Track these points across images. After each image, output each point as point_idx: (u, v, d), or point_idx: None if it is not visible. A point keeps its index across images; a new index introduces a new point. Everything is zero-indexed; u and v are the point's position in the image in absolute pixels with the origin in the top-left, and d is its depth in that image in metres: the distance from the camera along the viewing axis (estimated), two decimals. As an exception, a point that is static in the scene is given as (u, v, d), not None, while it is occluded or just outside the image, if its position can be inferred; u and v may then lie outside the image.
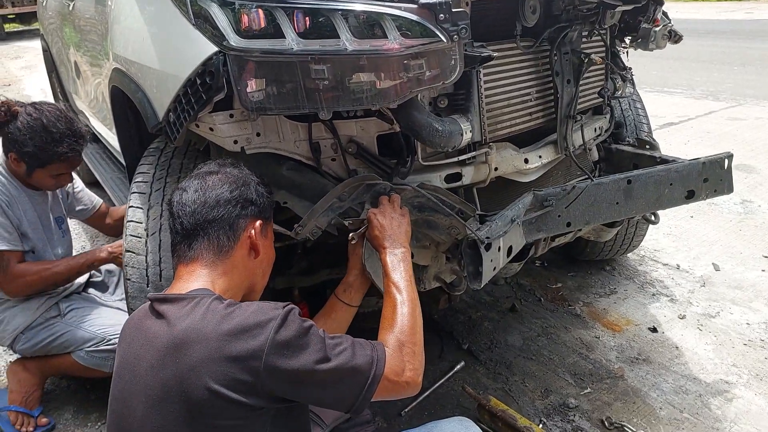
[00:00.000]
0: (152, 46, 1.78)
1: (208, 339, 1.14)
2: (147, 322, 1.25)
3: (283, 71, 1.44)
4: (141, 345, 1.22)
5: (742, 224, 3.84)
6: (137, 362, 1.21)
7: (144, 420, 1.17)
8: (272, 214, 1.50)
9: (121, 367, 1.27)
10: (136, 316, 1.32)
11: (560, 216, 1.89)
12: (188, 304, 1.20)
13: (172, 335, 1.16)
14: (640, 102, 2.89)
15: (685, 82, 8.39)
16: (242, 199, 1.37)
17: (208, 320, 1.16)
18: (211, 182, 1.37)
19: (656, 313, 2.87)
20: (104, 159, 3.73)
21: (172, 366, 1.14)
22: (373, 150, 1.75)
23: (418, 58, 1.46)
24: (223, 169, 1.42)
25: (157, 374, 1.16)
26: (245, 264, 1.38)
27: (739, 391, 2.35)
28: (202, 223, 1.32)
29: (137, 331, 1.26)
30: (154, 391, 1.16)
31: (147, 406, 1.17)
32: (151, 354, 1.19)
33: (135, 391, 1.20)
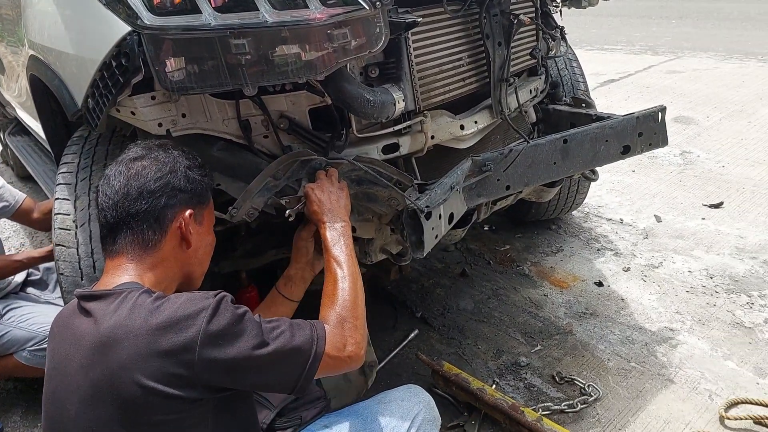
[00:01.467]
0: (65, 30, 1.68)
1: (136, 335, 1.10)
2: (75, 320, 1.20)
3: (202, 48, 1.38)
4: (70, 344, 1.18)
5: (682, 175, 3.95)
6: (67, 362, 1.17)
7: (77, 420, 1.13)
8: (210, 197, 1.41)
9: (51, 367, 1.22)
10: (64, 313, 1.27)
11: (499, 180, 1.90)
12: (115, 300, 1.16)
13: (99, 333, 1.12)
14: (576, 61, 2.91)
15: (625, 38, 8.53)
16: (169, 188, 1.28)
17: (135, 315, 1.12)
18: (135, 170, 1.28)
19: (602, 267, 2.94)
20: (36, 151, 3.57)
21: (101, 365, 1.10)
22: (306, 124, 1.71)
23: (342, 27, 1.42)
24: (150, 153, 1.32)
25: (87, 374, 1.12)
26: (176, 256, 1.31)
27: (683, 337, 2.44)
28: (125, 217, 1.25)
29: (65, 329, 1.22)
30: (85, 391, 1.12)
31: (79, 406, 1.13)
32: (80, 353, 1.14)
33: (66, 391, 1.16)
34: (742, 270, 2.84)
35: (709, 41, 7.96)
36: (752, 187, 3.69)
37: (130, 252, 1.26)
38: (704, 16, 9.86)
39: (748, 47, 7.45)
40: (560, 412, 2.06)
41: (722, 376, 2.20)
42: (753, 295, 2.65)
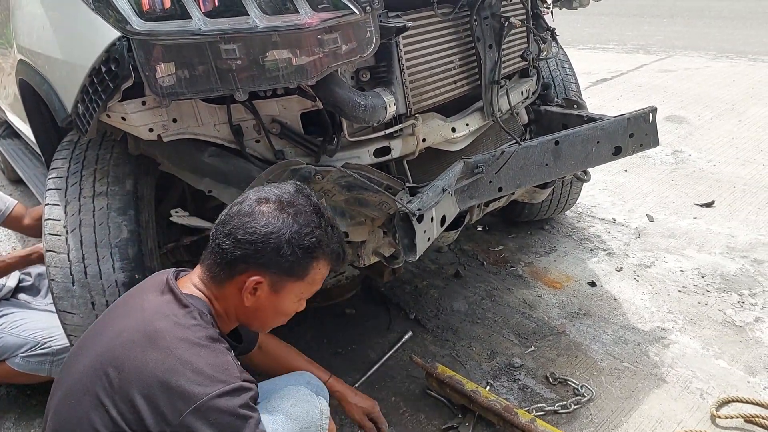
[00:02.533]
0: (54, 34, 1.68)
1: (170, 355, 1.15)
2: (144, 294, 1.31)
3: (193, 53, 1.39)
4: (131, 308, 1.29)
5: (674, 174, 3.97)
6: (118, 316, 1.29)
7: (80, 377, 1.22)
8: (309, 274, 1.33)
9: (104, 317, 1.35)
10: (151, 280, 1.38)
11: (491, 182, 1.91)
12: (182, 309, 1.24)
13: (150, 324, 1.21)
14: (568, 62, 2.92)
15: (617, 37, 8.57)
16: (254, 247, 1.25)
17: (183, 343, 1.17)
18: (251, 210, 1.28)
19: (594, 267, 2.96)
20: (27, 155, 3.55)
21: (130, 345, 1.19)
22: (298, 129, 1.71)
23: (332, 32, 1.43)
24: (280, 201, 1.30)
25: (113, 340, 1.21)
26: (235, 303, 1.33)
27: (675, 336, 2.45)
28: (215, 238, 1.30)
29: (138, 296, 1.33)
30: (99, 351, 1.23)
31: (87, 366, 1.22)
32: (127, 322, 1.24)
33: (90, 344, 1.27)
34: (733, 269, 2.86)
35: (700, 40, 8.00)
36: (743, 186, 3.71)
37: (205, 272, 1.33)
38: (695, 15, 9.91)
39: (738, 46, 7.49)
40: (554, 413, 2.07)
41: (714, 375, 2.21)
42: (744, 294, 2.66)
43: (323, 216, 1.34)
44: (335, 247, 1.36)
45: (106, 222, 1.75)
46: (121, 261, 1.73)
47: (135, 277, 1.75)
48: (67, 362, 1.34)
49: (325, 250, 1.34)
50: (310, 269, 1.33)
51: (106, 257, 1.73)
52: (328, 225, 1.35)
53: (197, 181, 1.76)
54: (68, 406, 1.23)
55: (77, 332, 1.78)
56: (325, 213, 1.35)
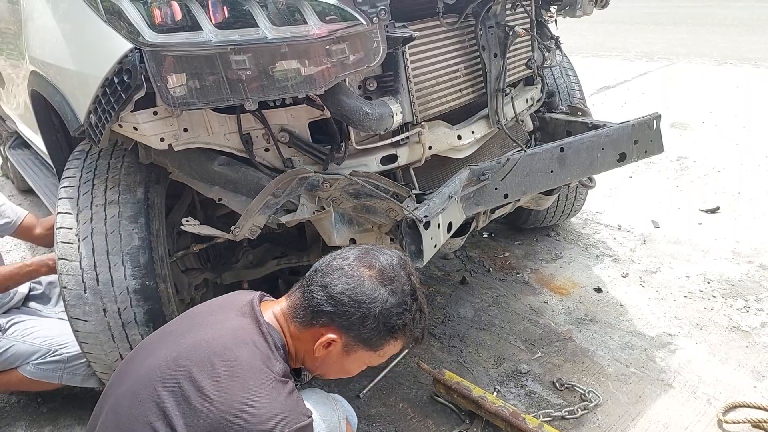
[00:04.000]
0: (67, 46, 1.71)
1: (245, 385, 1.16)
2: (225, 312, 1.32)
3: (203, 64, 1.42)
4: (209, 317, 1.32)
5: (679, 180, 3.98)
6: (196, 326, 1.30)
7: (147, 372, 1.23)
8: (382, 347, 1.33)
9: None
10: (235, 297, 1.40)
11: (497, 188, 1.93)
12: (261, 338, 1.25)
13: (231, 349, 1.21)
14: (572, 69, 2.94)
15: (621, 45, 8.59)
16: (343, 309, 1.26)
17: (259, 372, 1.19)
18: (351, 272, 1.28)
19: (600, 273, 2.96)
20: (37, 165, 3.59)
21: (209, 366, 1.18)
22: (306, 137, 1.74)
23: (340, 43, 1.45)
24: (382, 274, 1.29)
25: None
26: (307, 347, 1.32)
27: (681, 342, 2.45)
28: (308, 283, 1.30)
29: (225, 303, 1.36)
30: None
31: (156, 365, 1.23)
32: (206, 334, 1.25)
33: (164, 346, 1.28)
34: (738, 274, 2.86)
35: (703, 47, 8.01)
36: (748, 191, 3.71)
37: (288, 309, 1.33)
38: (698, 22, 9.93)
39: (742, 53, 7.50)
40: (561, 419, 2.08)
41: (720, 380, 2.22)
42: (749, 299, 2.67)
43: (417, 299, 1.34)
44: (417, 333, 1.36)
45: (117, 230, 1.77)
46: (132, 268, 1.76)
47: (146, 284, 1.77)
48: (137, 353, 1.33)
49: (407, 334, 1.33)
50: (385, 345, 1.33)
51: (117, 265, 1.75)
52: (419, 310, 1.34)
53: (207, 190, 1.78)
54: (132, 401, 1.21)
55: (89, 339, 1.80)
56: (419, 297, 1.35)
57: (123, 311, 1.77)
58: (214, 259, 2.40)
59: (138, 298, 1.78)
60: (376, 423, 2.12)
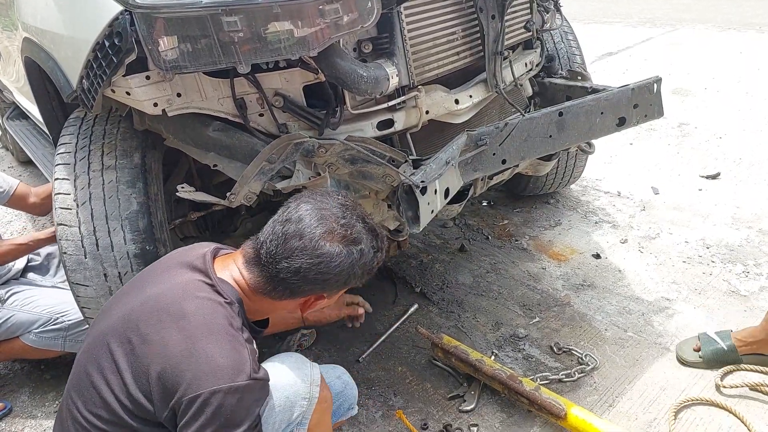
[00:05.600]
0: (57, 10, 1.69)
1: (189, 338, 1.18)
2: (177, 267, 1.32)
3: (195, 26, 1.39)
4: (160, 275, 1.33)
5: (680, 147, 3.96)
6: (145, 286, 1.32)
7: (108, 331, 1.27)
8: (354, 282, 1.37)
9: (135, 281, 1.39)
10: (188, 252, 1.39)
11: (495, 154, 1.91)
12: (213, 293, 1.26)
13: (179, 303, 1.23)
14: (572, 34, 2.90)
15: (624, 11, 8.46)
16: (328, 282, 1.29)
17: (204, 326, 1.19)
18: (324, 252, 1.26)
19: (599, 240, 2.96)
20: (35, 135, 3.57)
21: (156, 320, 1.22)
22: (301, 102, 1.71)
23: (333, 3, 1.42)
24: (351, 243, 1.29)
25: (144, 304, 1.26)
26: (277, 307, 1.38)
27: (679, 306, 2.46)
28: (273, 264, 1.27)
29: (168, 269, 1.34)
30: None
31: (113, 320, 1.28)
32: (156, 290, 1.27)
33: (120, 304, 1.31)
34: (738, 239, 2.86)
35: (707, 13, 7.89)
36: (749, 157, 3.69)
37: (250, 278, 1.32)
38: (703, -13, 9.77)
39: (746, 18, 7.38)
40: (558, 382, 2.10)
41: (718, 343, 2.23)
42: (749, 263, 2.67)
43: (378, 236, 1.37)
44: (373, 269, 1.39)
45: (115, 195, 1.77)
46: (131, 233, 1.76)
47: (146, 248, 1.77)
48: (98, 317, 1.38)
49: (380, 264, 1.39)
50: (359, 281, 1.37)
51: (116, 229, 1.75)
52: (379, 250, 1.37)
53: (202, 156, 1.77)
54: (87, 358, 1.28)
55: (91, 304, 1.81)
56: (379, 231, 1.38)
57: (124, 276, 1.78)
58: (213, 228, 2.39)
59: (138, 263, 1.78)
60: (375, 386, 2.15)
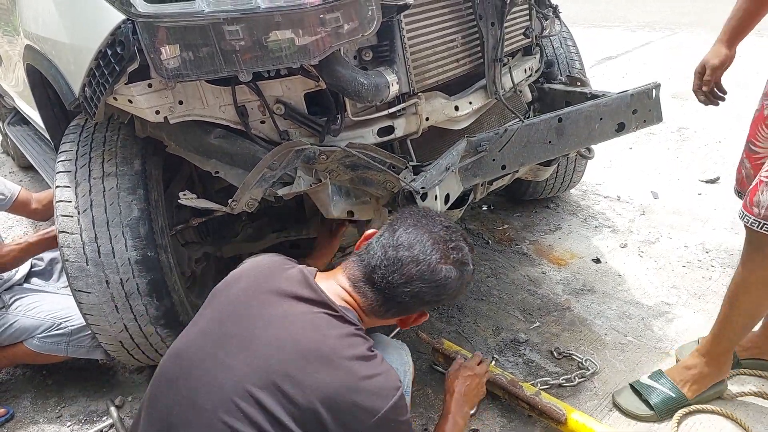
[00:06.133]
0: (60, 19, 1.70)
1: (348, 373, 1.23)
2: (276, 297, 1.31)
3: (197, 35, 1.40)
4: (260, 305, 1.31)
5: (679, 151, 3.97)
6: (249, 317, 1.29)
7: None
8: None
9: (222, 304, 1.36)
10: (264, 263, 1.44)
11: (495, 160, 1.92)
12: (345, 325, 1.30)
13: (320, 343, 1.24)
14: (572, 39, 2.91)
15: (622, 15, 8.48)
16: (442, 301, 1.43)
17: (356, 359, 1.24)
18: (441, 277, 1.36)
19: (599, 244, 2.97)
20: (36, 140, 3.59)
21: (304, 363, 1.22)
22: (302, 109, 1.73)
23: (334, 11, 1.44)
24: (463, 267, 1.41)
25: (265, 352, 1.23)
26: (379, 323, 1.45)
27: (679, 311, 2.47)
28: (390, 293, 1.35)
29: (262, 287, 1.34)
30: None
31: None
32: (279, 333, 1.25)
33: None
34: (737, 244, 2.86)
35: (706, 16, 7.90)
36: (749, 161, 3.70)
37: (365, 304, 1.38)
38: (702, -9, 9.79)
39: (746, 21, 7.39)
40: (558, 386, 2.10)
41: (717, 348, 2.23)
42: (748, 268, 2.68)
43: (473, 252, 1.48)
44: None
45: (116, 202, 1.78)
46: (133, 239, 1.77)
47: (147, 254, 1.78)
48: (180, 356, 1.29)
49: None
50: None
51: (118, 236, 1.76)
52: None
53: (204, 163, 1.78)
54: (217, 410, 1.19)
55: (93, 311, 1.83)
56: (473, 247, 1.50)
57: (126, 282, 1.79)
58: (214, 233, 2.40)
59: (140, 269, 1.79)
60: (375, 392, 2.15)
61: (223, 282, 1.41)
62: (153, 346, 1.98)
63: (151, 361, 2.08)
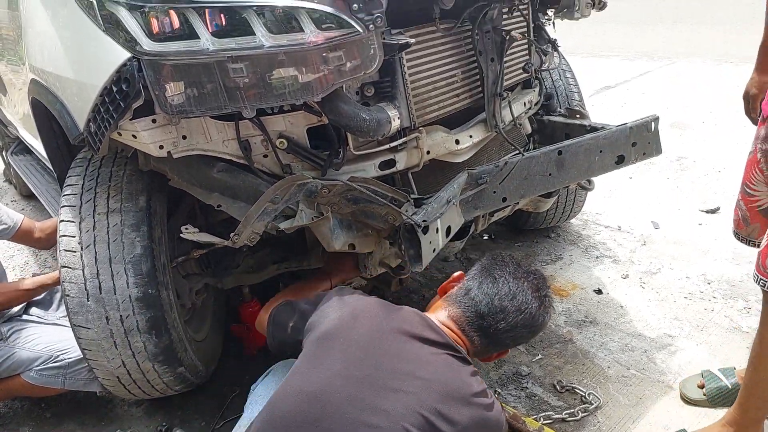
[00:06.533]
0: (66, 54, 1.72)
1: (483, 415, 1.41)
2: (405, 339, 1.42)
3: (201, 72, 1.42)
4: (388, 349, 1.39)
5: (679, 181, 3.98)
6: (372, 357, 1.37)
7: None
8: None
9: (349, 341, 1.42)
10: (373, 310, 1.51)
11: (495, 192, 1.93)
12: (468, 367, 1.45)
13: (460, 388, 1.38)
14: (570, 71, 2.95)
15: (621, 44, 8.58)
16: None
17: (488, 406, 1.43)
18: (541, 321, 1.57)
19: (600, 275, 2.97)
20: (38, 170, 3.61)
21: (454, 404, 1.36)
22: (305, 143, 1.74)
23: (337, 50, 1.46)
24: (549, 307, 1.61)
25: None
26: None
27: (681, 343, 2.46)
28: (496, 336, 1.54)
29: (382, 327, 1.44)
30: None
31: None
32: (425, 373, 1.36)
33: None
34: (738, 275, 2.86)
35: (704, 46, 7.99)
36: (749, 191, 3.71)
37: (471, 347, 1.54)
38: (699, 21, 9.91)
39: (743, 51, 7.46)
40: (561, 421, 2.08)
41: (721, 381, 2.22)
42: (750, 299, 2.67)
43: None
44: None
45: (120, 238, 1.78)
46: (134, 276, 1.77)
47: (148, 291, 1.78)
48: (319, 398, 1.31)
49: None
50: None
51: (120, 273, 1.76)
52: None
53: (206, 196, 1.79)
54: None
55: (92, 347, 1.82)
56: None
57: (125, 319, 1.79)
58: (215, 264, 2.40)
59: (140, 306, 1.79)
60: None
61: (334, 325, 1.46)
62: (150, 382, 1.96)
63: (147, 396, 2.06)
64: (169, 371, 1.93)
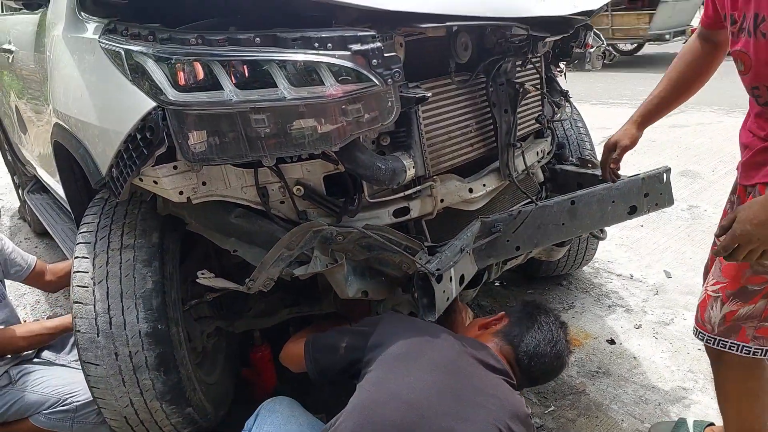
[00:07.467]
0: (91, 101, 1.77)
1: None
2: (474, 362, 1.57)
3: (224, 122, 1.46)
4: (456, 372, 1.52)
5: (690, 230, 3.97)
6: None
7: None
8: None
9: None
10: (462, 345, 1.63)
11: (509, 241, 1.94)
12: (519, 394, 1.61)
13: (517, 410, 1.51)
14: (582, 121, 2.99)
15: (630, 92, 8.68)
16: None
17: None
18: (566, 363, 1.76)
19: (613, 324, 2.94)
20: (54, 210, 3.65)
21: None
22: (321, 191, 1.77)
23: (356, 103, 1.50)
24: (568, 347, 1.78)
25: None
26: None
27: (696, 396, 2.41)
28: (534, 377, 1.72)
29: (453, 354, 1.57)
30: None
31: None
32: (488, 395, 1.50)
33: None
34: (754, 327, 2.83)
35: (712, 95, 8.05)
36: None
37: (508, 367, 1.67)
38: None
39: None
40: (575, 476, 2.04)
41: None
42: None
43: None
44: None
45: (131, 273, 1.80)
46: (145, 311, 1.78)
47: (158, 327, 1.78)
48: (414, 406, 1.43)
49: None
50: None
51: (130, 308, 1.77)
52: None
53: (223, 241, 1.81)
54: None
55: (100, 384, 1.81)
56: None
57: (134, 355, 1.78)
58: (227, 307, 2.41)
59: (149, 342, 1.79)
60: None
61: (417, 341, 1.58)
62: (158, 423, 1.94)
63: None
64: (177, 411, 1.91)
